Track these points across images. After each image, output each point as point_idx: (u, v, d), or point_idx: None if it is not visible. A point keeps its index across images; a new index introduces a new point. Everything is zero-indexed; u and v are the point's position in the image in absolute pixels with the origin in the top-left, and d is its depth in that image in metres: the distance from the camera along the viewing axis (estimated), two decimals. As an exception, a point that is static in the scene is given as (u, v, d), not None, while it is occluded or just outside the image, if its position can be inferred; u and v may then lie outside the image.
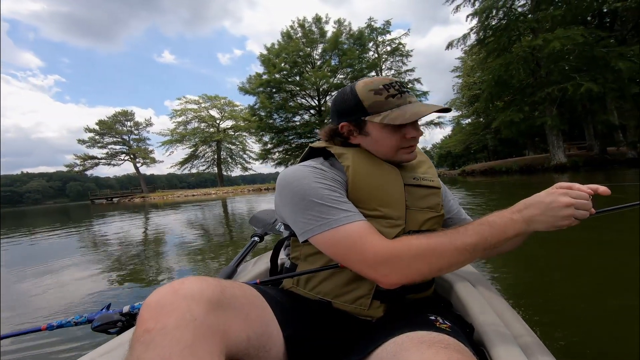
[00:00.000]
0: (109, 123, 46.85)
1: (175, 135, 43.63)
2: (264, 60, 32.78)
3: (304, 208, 0.70)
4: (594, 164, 19.11)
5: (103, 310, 0.83)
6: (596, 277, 2.15)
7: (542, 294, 1.96)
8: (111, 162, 48.53)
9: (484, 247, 0.64)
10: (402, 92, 0.77)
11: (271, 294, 0.69)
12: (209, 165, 47.43)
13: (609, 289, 1.92)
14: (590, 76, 16.61)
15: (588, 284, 2.05)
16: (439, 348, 0.51)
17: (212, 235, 5.26)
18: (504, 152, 40.66)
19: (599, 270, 2.26)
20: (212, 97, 45.49)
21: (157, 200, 29.88)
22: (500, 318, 0.75)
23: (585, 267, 2.33)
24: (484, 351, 0.65)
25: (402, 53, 33.89)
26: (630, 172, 11.87)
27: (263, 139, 37.00)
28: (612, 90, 16.56)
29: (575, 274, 2.21)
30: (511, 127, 20.27)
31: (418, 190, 0.82)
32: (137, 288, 2.62)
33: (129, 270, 3.24)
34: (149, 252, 4.18)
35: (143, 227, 7.46)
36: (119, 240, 5.40)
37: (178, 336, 0.43)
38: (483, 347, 0.66)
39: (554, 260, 2.45)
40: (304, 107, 34.90)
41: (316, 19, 33.04)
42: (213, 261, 3.38)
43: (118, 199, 43.46)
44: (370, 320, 0.74)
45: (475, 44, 22.44)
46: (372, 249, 0.64)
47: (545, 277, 2.21)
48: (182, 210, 11.89)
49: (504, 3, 20.07)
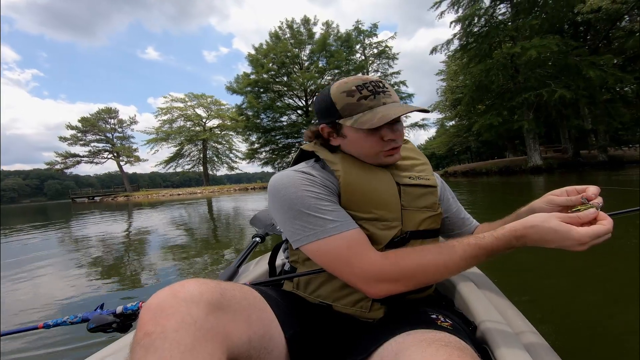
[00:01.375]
0: (92, 120, 45.75)
1: (161, 134, 43.07)
2: (252, 60, 32.98)
3: (292, 217, 0.69)
4: (567, 167, 20.12)
5: (97, 311, 0.83)
6: (600, 277, 2.13)
7: (543, 291, 1.95)
8: (94, 160, 47.43)
9: (474, 266, 0.65)
10: (376, 93, 0.74)
11: (272, 295, 0.69)
12: (194, 164, 47.05)
13: (613, 288, 1.91)
14: (563, 83, 17.59)
15: (591, 283, 2.04)
16: (439, 346, 0.51)
17: (197, 235, 5.29)
18: (486, 153, 42.01)
19: (602, 270, 2.24)
20: (198, 96, 45.15)
21: (141, 199, 29.56)
22: (503, 316, 0.74)
23: (588, 266, 2.30)
24: (486, 349, 0.65)
25: (389, 56, 34.63)
26: (601, 175, 12.44)
27: (250, 139, 37.18)
28: (583, 96, 17.59)
29: (578, 274, 2.21)
30: (490, 130, 21.22)
31: (414, 190, 0.80)
32: (127, 288, 2.61)
33: (118, 269, 3.22)
34: (139, 252, 4.13)
35: (132, 227, 7.39)
36: (107, 240, 5.33)
37: (178, 339, 0.43)
38: (486, 345, 0.65)
39: (558, 257, 2.42)
40: (292, 108, 35.22)
41: (304, 21, 33.46)
42: (208, 261, 3.37)
43: (100, 197, 42.71)
44: (371, 322, 0.74)
45: (458, 49, 23.30)
46: (359, 264, 0.64)
47: (546, 276, 2.19)
48: (169, 210, 11.75)
49: (485, 11, 21.02)
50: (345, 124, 0.74)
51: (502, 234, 0.61)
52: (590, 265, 2.30)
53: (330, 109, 0.76)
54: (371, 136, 0.75)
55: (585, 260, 2.37)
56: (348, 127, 0.75)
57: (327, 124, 0.79)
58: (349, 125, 0.73)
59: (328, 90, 0.78)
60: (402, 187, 0.79)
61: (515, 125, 20.03)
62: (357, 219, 0.72)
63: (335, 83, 0.78)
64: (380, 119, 0.70)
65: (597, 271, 2.21)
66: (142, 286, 2.63)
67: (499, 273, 2.06)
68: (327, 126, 0.79)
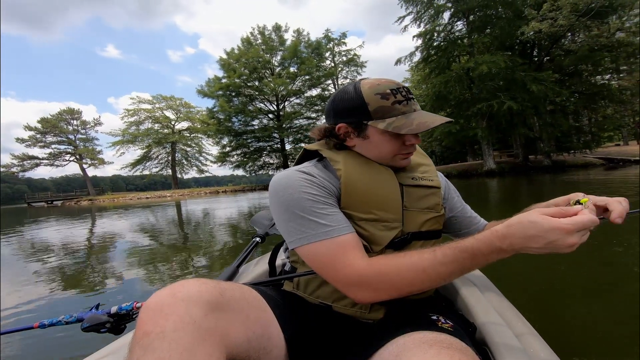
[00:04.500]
0: (52, 121, 43.66)
1: (127, 136, 42.03)
2: (223, 65, 33.26)
3: (287, 219, 0.70)
4: (517, 170, 22.17)
5: (92, 310, 0.83)
6: (600, 278, 2.14)
7: (543, 292, 1.95)
8: (54, 162, 45.30)
9: (460, 273, 0.61)
10: (409, 99, 0.75)
11: (272, 296, 0.69)
12: (162, 167, 46.16)
13: (614, 290, 1.92)
14: (511, 95, 19.54)
15: (591, 284, 2.04)
16: (440, 348, 0.51)
17: (165, 238, 5.35)
18: (450, 157, 44.46)
19: (602, 271, 2.25)
20: (167, 98, 44.47)
21: (107, 203, 28.65)
22: (503, 317, 0.74)
23: (589, 267, 2.31)
24: (486, 350, 0.65)
25: (357, 64, 36.10)
26: (546, 178, 14.08)
27: (221, 142, 37.26)
28: (528, 108, 19.66)
29: (578, 275, 2.20)
30: (450, 136, 23.09)
31: (417, 191, 0.80)
32: (126, 288, 2.66)
33: (116, 269, 3.28)
34: (137, 254, 4.16)
35: (118, 230, 7.35)
36: (99, 243, 5.38)
37: (177, 339, 0.43)
38: (486, 347, 0.66)
39: (558, 258, 2.38)
40: (263, 112, 35.72)
41: (276, 27, 34.22)
42: (211, 261, 3.46)
43: (62, 201, 40.83)
44: (371, 322, 0.74)
45: (420, 61, 25.00)
46: (344, 271, 0.64)
47: (546, 277, 2.19)
48: (143, 213, 11.63)
49: (444, 27, 22.86)
50: (377, 126, 0.73)
51: (482, 235, 0.58)
52: (590, 266, 2.31)
53: (360, 109, 0.74)
54: (395, 140, 0.76)
55: (586, 261, 2.37)
56: (375, 128, 0.74)
57: (349, 123, 0.77)
58: (382, 128, 0.73)
59: (356, 89, 0.76)
60: (405, 187, 0.79)
61: (471, 132, 21.82)
62: (356, 220, 0.72)
63: (364, 82, 0.76)
64: (418, 125, 0.71)
65: (597, 272, 2.22)
66: (142, 285, 2.72)
67: (500, 274, 2.02)
68: (349, 126, 0.77)
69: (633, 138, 36.25)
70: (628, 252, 2.50)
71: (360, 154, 0.80)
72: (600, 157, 24.05)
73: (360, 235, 0.72)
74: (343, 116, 0.78)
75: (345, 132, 0.78)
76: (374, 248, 0.72)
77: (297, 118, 35.26)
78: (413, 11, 23.68)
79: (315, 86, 34.87)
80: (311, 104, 35.89)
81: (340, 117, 0.78)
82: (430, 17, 22.97)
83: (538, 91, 18.58)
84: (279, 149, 36.28)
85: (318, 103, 35.46)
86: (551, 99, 20.25)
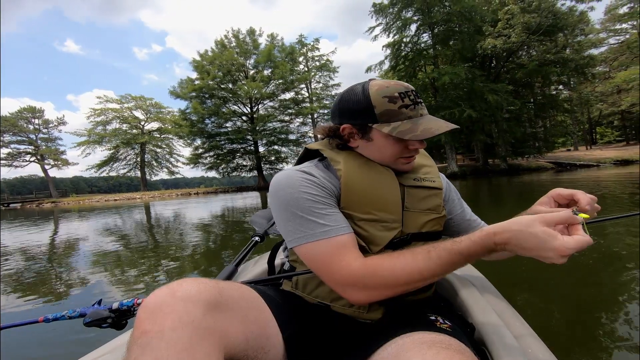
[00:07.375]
0: (11, 120, 41.25)
1: (94, 136, 40.59)
2: (197, 67, 33.12)
3: (286, 219, 0.70)
4: (478, 173, 24.01)
5: (95, 306, 0.84)
6: (600, 278, 2.14)
7: (542, 293, 1.96)
8: (12, 163, 42.79)
9: (453, 271, 0.63)
10: (416, 104, 0.74)
11: (270, 295, 0.69)
12: (131, 168, 44.83)
13: (613, 290, 1.93)
14: (471, 104, 21.24)
15: (590, 285, 2.06)
16: (439, 348, 0.51)
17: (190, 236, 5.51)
18: (417, 161, 46.40)
19: (602, 271, 2.25)
20: (136, 97, 43.33)
21: (72, 205, 27.26)
22: (501, 318, 0.75)
23: (588, 268, 2.32)
24: (484, 351, 0.65)
25: (330, 69, 37.11)
26: (504, 180, 15.33)
27: (194, 143, 36.96)
28: (486, 116, 21.42)
29: (577, 275, 2.21)
30: (416, 141, 24.47)
31: (418, 192, 0.79)
32: (126, 287, 2.73)
33: (114, 269, 3.33)
34: (135, 253, 4.26)
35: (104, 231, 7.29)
36: (94, 244, 5.50)
37: (175, 338, 0.43)
38: (484, 347, 0.66)
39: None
40: (237, 114, 35.84)
41: (250, 31, 34.56)
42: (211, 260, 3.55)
43: (20, 204, 38.73)
44: (370, 322, 0.74)
45: (389, 69, 26.39)
46: (339, 271, 0.64)
47: (545, 278, 2.20)
48: (112, 216, 11.46)
49: (411, 39, 24.34)
50: (382, 129, 0.72)
51: (479, 237, 0.58)
52: (589, 266, 2.31)
53: (366, 111, 0.73)
54: (398, 144, 0.75)
55: (585, 261, 2.38)
56: (379, 131, 0.73)
57: (354, 124, 0.76)
58: (386, 132, 0.72)
59: (364, 90, 0.74)
60: (407, 188, 0.79)
61: (434, 137, 23.33)
62: (356, 220, 0.72)
63: (372, 84, 0.75)
64: (423, 131, 0.71)
65: (597, 272, 2.22)
66: (141, 284, 2.82)
67: (498, 275, 2.01)
68: (354, 127, 0.76)
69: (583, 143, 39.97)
70: (628, 252, 2.51)
71: (362, 155, 0.80)
72: (551, 161, 26.38)
73: (360, 236, 0.72)
74: (348, 117, 0.77)
75: (349, 133, 0.78)
76: (372, 248, 0.72)
77: (270, 121, 35.59)
78: (382, 22, 25.09)
79: (289, 90, 35.38)
80: (284, 107, 36.37)
81: (346, 118, 0.78)
82: (399, 29, 24.40)
83: (494, 101, 20.44)
84: (252, 151, 36.44)
85: (291, 106, 36.04)
86: (506, 108, 22.15)
